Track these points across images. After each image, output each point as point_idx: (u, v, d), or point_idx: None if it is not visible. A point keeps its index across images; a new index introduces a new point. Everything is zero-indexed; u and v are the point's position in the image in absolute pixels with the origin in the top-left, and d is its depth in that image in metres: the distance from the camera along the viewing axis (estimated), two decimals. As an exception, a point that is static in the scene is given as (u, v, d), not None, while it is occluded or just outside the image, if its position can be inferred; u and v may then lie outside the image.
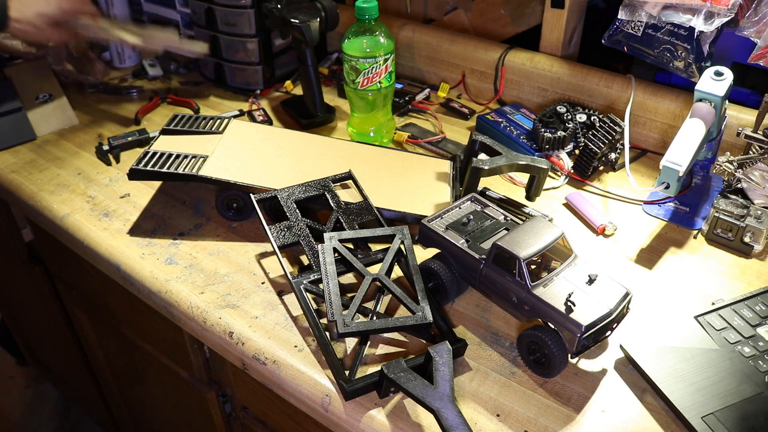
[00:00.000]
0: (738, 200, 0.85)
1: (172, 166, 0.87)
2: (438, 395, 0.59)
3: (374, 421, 0.63)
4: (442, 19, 1.30)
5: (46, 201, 0.95)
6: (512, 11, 1.21)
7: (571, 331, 0.62)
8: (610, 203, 0.94)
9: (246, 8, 1.14)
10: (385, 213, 0.85)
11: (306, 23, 1.03)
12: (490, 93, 1.20)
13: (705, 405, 0.62)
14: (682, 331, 0.69)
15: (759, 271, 0.81)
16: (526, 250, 0.66)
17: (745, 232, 0.82)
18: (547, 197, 0.95)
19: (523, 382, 0.67)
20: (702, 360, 0.66)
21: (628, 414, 0.64)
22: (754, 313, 0.71)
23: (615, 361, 0.69)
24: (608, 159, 0.99)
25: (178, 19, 1.35)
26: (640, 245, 0.85)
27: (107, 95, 1.25)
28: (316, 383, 0.67)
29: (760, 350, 0.67)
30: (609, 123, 0.96)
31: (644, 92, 1.03)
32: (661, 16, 0.92)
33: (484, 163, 0.85)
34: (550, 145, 1.00)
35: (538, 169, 0.86)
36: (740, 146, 0.93)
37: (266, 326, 0.73)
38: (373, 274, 0.73)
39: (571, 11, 1.09)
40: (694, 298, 0.77)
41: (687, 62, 0.94)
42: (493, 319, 0.74)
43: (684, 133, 0.82)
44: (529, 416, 0.63)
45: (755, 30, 0.85)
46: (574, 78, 1.09)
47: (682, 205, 0.92)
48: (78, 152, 1.07)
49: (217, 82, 1.27)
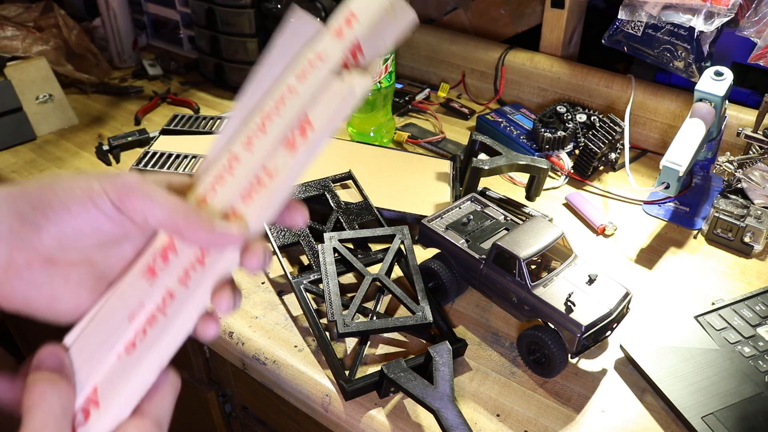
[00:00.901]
0: (738, 200, 0.85)
1: (172, 166, 0.87)
2: (438, 395, 0.59)
3: (374, 421, 0.63)
4: (442, 19, 1.30)
5: (46, 201, 0.95)
6: (512, 11, 1.21)
7: (571, 331, 0.62)
8: (610, 203, 0.94)
9: (246, 8, 1.14)
10: (385, 213, 0.85)
11: (306, 23, 1.03)
12: (490, 93, 1.20)
13: (705, 405, 0.62)
14: (682, 331, 0.69)
15: (759, 271, 0.81)
16: (526, 250, 0.66)
17: (745, 232, 0.82)
18: (547, 197, 0.95)
19: (523, 382, 0.67)
20: (702, 360, 0.66)
21: (628, 414, 0.64)
22: (754, 313, 0.71)
23: (615, 361, 0.69)
24: (608, 159, 0.99)
25: (178, 19, 1.35)
26: (640, 245, 0.85)
27: (107, 95, 1.25)
28: (316, 383, 0.67)
29: (760, 350, 0.67)
30: (609, 123, 0.96)
31: (644, 92, 1.03)
32: (661, 16, 0.92)
33: (484, 163, 0.85)
34: (550, 145, 1.00)
35: (538, 169, 0.86)
36: (740, 146, 0.93)
37: (266, 326, 0.73)
38: (373, 274, 0.73)
39: (571, 11, 1.09)
40: (694, 298, 0.77)
41: (687, 62, 0.94)
42: (493, 319, 0.74)
43: (684, 133, 0.82)
44: (529, 416, 0.63)
45: (755, 30, 0.85)
46: (574, 78, 1.09)
47: (682, 205, 0.92)
48: (78, 152, 1.07)
49: (217, 82, 1.27)
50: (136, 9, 1.39)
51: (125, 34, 1.32)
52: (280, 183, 0.37)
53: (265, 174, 0.37)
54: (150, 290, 0.37)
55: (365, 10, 0.38)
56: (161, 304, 0.36)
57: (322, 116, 0.36)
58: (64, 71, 1.19)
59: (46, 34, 1.19)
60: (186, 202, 0.36)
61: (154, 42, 1.44)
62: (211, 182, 0.38)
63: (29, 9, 1.25)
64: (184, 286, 0.36)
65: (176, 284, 0.36)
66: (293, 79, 0.38)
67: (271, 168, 0.37)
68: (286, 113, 0.37)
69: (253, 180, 0.37)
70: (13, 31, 1.15)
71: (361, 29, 0.37)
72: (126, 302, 0.37)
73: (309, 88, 0.37)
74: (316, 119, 0.36)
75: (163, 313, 0.36)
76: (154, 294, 0.36)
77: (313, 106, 0.37)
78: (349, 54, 0.37)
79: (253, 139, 0.38)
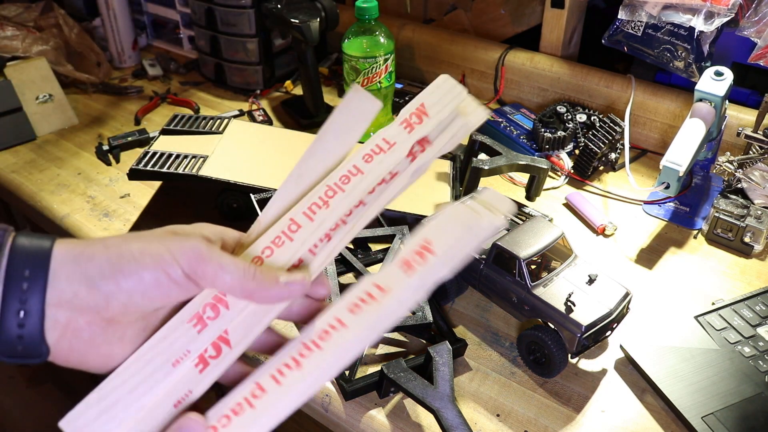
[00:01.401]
0: (738, 200, 0.85)
1: (172, 166, 0.87)
2: (438, 395, 0.59)
3: (374, 421, 0.63)
4: (442, 19, 1.30)
5: (46, 201, 0.95)
6: (512, 11, 1.20)
7: (571, 331, 0.62)
8: (610, 203, 0.94)
9: (246, 8, 1.14)
10: (385, 213, 0.85)
11: (306, 23, 1.03)
12: (490, 93, 1.20)
13: (705, 405, 0.62)
14: (682, 331, 0.69)
15: (759, 271, 0.81)
16: (526, 250, 0.66)
17: (745, 232, 0.82)
18: (547, 197, 0.95)
19: (523, 382, 0.67)
20: (702, 360, 0.66)
21: (628, 414, 0.64)
22: (754, 313, 0.71)
23: (615, 361, 0.69)
24: (608, 159, 0.99)
25: (178, 19, 1.35)
26: (640, 245, 0.85)
27: (107, 95, 1.25)
28: (316, 383, 0.67)
29: (760, 350, 0.67)
30: (609, 123, 0.96)
31: (644, 92, 1.03)
32: (661, 16, 0.92)
33: (484, 163, 0.85)
34: (550, 145, 1.00)
35: (538, 169, 0.86)
36: (740, 146, 0.93)
37: (266, 326, 0.73)
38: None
39: (571, 11, 1.09)
40: (694, 298, 0.77)
41: (687, 62, 0.94)
42: (493, 319, 0.74)
43: (684, 133, 0.82)
44: (529, 416, 0.63)
45: (755, 30, 0.85)
46: (574, 78, 1.09)
47: (682, 205, 0.92)
48: (78, 152, 1.07)
49: (217, 82, 1.27)
50: (136, 9, 1.39)
51: (125, 34, 1.32)
52: (389, 299, 0.37)
53: (377, 289, 0.37)
54: (198, 337, 0.37)
55: (436, 106, 0.39)
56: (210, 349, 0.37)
57: (445, 243, 0.36)
58: (64, 71, 1.19)
59: (46, 34, 1.19)
60: (252, 266, 0.37)
61: (154, 42, 1.44)
62: (267, 244, 0.39)
63: (29, 9, 1.25)
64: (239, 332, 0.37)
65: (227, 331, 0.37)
66: (359, 159, 0.39)
67: (383, 285, 0.37)
68: (349, 191, 0.39)
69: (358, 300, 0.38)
70: (13, 31, 1.15)
71: (431, 125, 0.39)
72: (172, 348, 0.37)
73: (373, 170, 0.39)
74: (438, 245, 0.36)
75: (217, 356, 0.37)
76: (202, 339, 0.37)
77: (436, 232, 0.36)
78: (416, 144, 0.39)
79: (315, 210, 0.39)
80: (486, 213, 0.35)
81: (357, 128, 0.40)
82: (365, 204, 0.39)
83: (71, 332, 0.35)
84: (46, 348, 0.34)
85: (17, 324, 0.33)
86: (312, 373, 0.36)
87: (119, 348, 0.37)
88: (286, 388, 0.36)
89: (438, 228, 0.37)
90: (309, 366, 0.36)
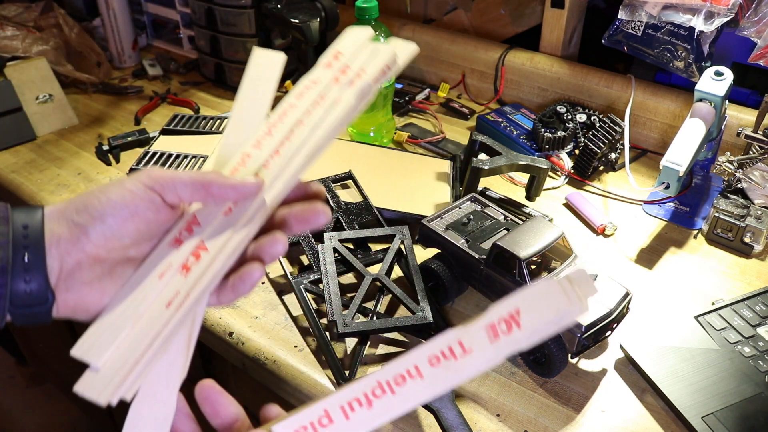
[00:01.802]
0: (738, 200, 0.85)
1: (172, 166, 0.87)
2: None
3: (374, 421, 0.63)
4: (442, 19, 1.30)
5: (46, 201, 0.95)
6: (512, 11, 1.21)
7: (571, 331, 0.62)
8: (610, 203, 0.94)
9: (246, 8, 1.14)
10: (385, 213, 0.85)
11: (306, 23, 1.03)
12: (490, 93, 1.20)
13: (705, 405, 0.62)
14: (682, 331, 0.69)
15: (759, 271, 0.81)
16: (526, 250, 0.66)
17: (745, 232, 0.82)
18: (547, 197, 0.95)
19: (523, 382, 0.67)
20: (702, 360, 0.66)
21: (628, 414, 0.64)
22: (754, 313, 0.71)
23: (615, 361, 0.69)
24: (608, 159, 0.99)
25: (178, 19, 1.35)
26: (640, 245, 0.85)
27: (107, 95, 1.25)
28: (316, 383, 0.67)
29: (760, 350, 0.67)
30: (609, 123, 0.96)
31: (644, 92, 1.03)
32: (661, 16, 0.92)
33: (484, 163, 0.85)
34: (550, 145, 1.00)
35: (538, 169, 0.86)
36: (740, 146, 0.93)
37: (266, 326, 0.73)
38: (373, 274, 0.73)
39: (571, 11, 1.09)
40: (694, 298, 0.77)
41: (687, 62, 0.94)
42: (493, 319, 0.74)
43: (684, 133, 0.82)
44: (529, 416, 0.63)
45: (755, 30, 0.85)
46: (574, 78, 1.09)
47: (682, 205, 0.92)
48: (78, 152, 1.07)
49: (217, 82, 1.27)
50: (136, 9, 1.39)
51: (125, 34, 1.32)
52: (468, 361, 0.37)
53: (460, 347, 0.38)
54: (178, 252, 0.41)
55: (350, 47, 0.44)
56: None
57: (533, 320, 0.36)
58: (64, 71, 1.19)
59: (46, 34, 1.19)
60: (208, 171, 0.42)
61: (154, 42, 1.44)
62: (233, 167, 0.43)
63: (29, 9, 1.25)
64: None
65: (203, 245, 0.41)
66: (293, 98, 0.43)
67: (466, 345, 0.37)
68: (287, 120, 0.43)
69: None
70: (13, 31, 1.15)
71: (350, 58, 0.43)
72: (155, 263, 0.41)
73: (306, 103, 0.43)
74: (527, 320, 0.37)
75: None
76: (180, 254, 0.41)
77: (529, 305, 0.37)
78: (340, 73, 0.43)
79: (261, 141, 0.43)
80: (577, 302, 0.36)
81: (269, 83, 0.45)
82: (303, 123, 0.43)
83: (64, 276, 0.39)
84: (51, 294, 0.38)
85: (23, 280, 0.38)
86: (380, 415, 0.38)
87: (111, 285, 0.40)
88: (353, 424, 0.38)
89: (531, 302, 0.37)
90: (378, 407, 0.37)
